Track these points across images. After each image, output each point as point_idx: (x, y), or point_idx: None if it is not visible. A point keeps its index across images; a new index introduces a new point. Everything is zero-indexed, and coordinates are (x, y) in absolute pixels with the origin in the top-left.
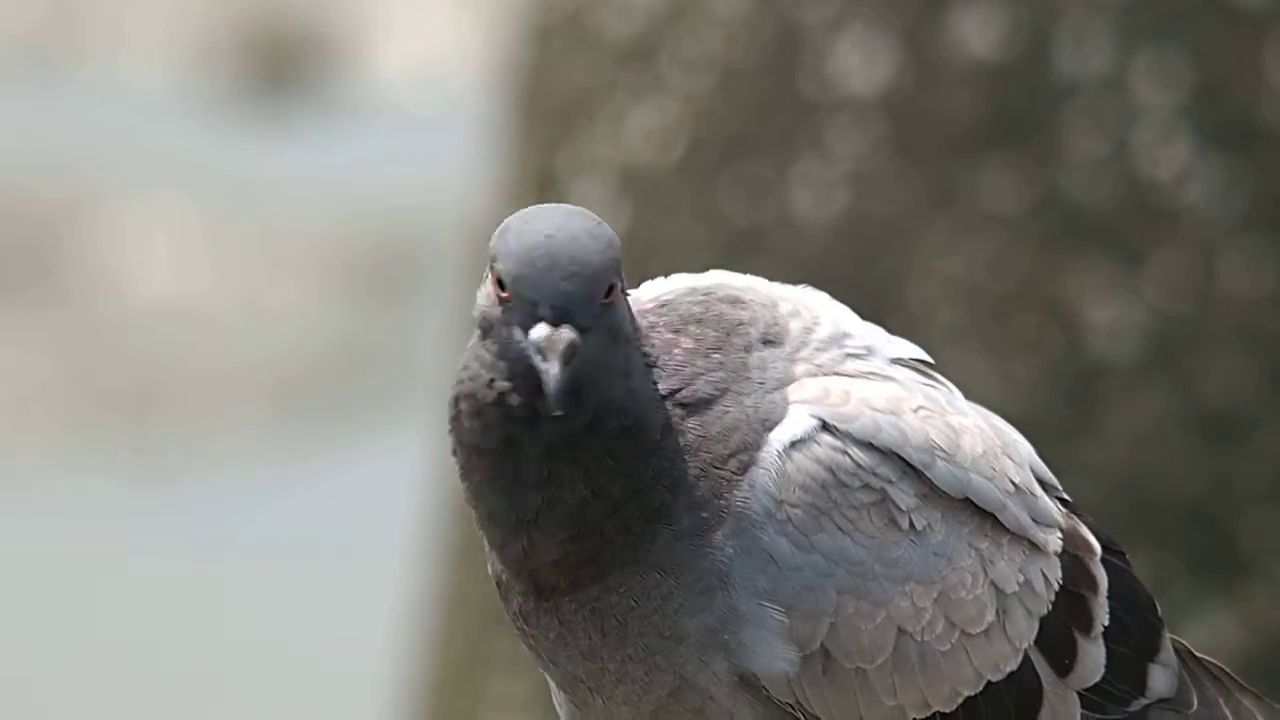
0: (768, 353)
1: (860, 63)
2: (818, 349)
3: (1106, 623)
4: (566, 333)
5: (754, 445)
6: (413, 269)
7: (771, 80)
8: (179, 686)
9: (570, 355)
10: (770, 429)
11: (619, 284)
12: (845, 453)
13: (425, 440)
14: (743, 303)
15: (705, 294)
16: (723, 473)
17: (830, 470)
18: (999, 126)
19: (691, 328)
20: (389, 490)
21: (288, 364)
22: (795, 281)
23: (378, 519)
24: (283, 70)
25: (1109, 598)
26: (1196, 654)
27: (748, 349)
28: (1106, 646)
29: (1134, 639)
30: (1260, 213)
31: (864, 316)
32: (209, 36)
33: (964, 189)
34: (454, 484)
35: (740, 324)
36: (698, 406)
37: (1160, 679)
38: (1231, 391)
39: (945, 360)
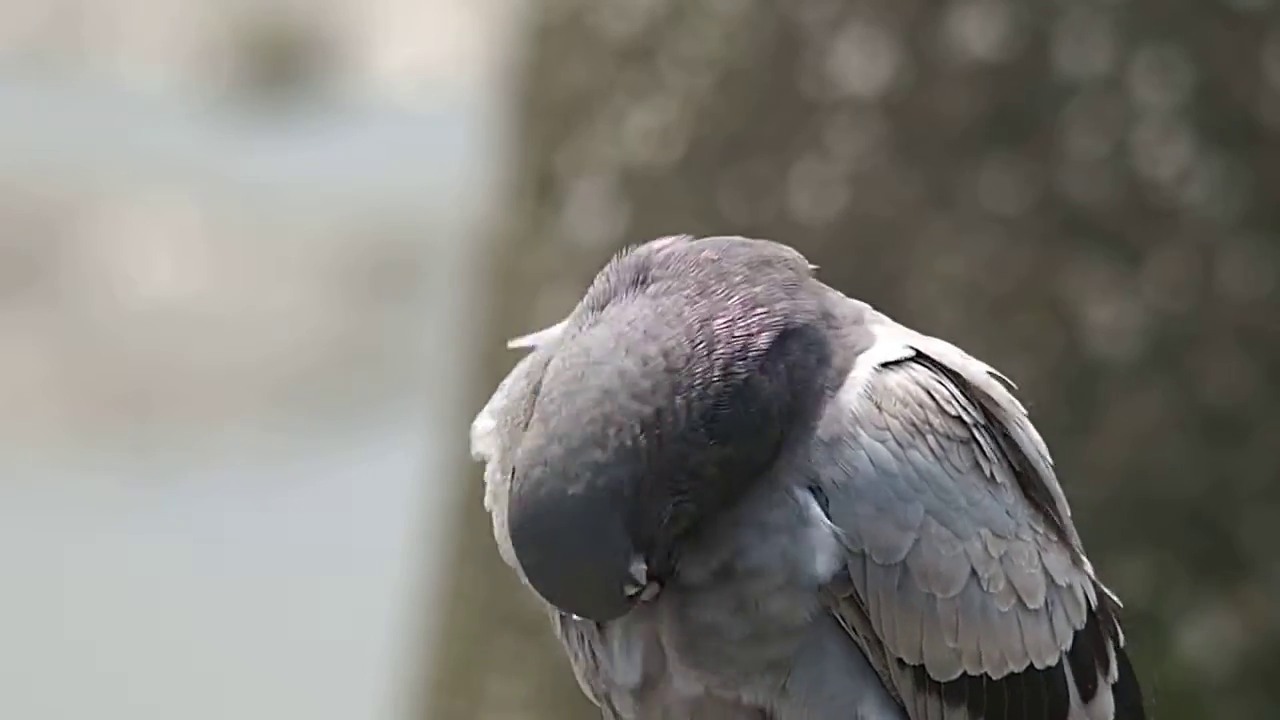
0: (833, 294)
1: (860, 63)
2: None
3: (1116, 677)
4: (647, 592)
5: (844, 368)
6: (413, 269)
7: (771, 80)
8: (178, 684)
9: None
10: (859, 352)
11: (654, 560)
12: (942, 383)
13: (425, 440)
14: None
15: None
16: (822, 404)
17: (929, 394)
18: (999, 126)
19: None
20: (389, 490)
21: (288, 364)
22: None
23: (378, 519)
24: (283, 71)
25: (1120, 655)
26: None
27: (813, 289)
28: (1116, 701)
29: (1132, 707)
30: (1260, 213)
31: None
32: (209, 36)
33: (964, 189)
34: (454, 484)
35: (803, 266)
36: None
37: None
38: (1231, 391)
39: None
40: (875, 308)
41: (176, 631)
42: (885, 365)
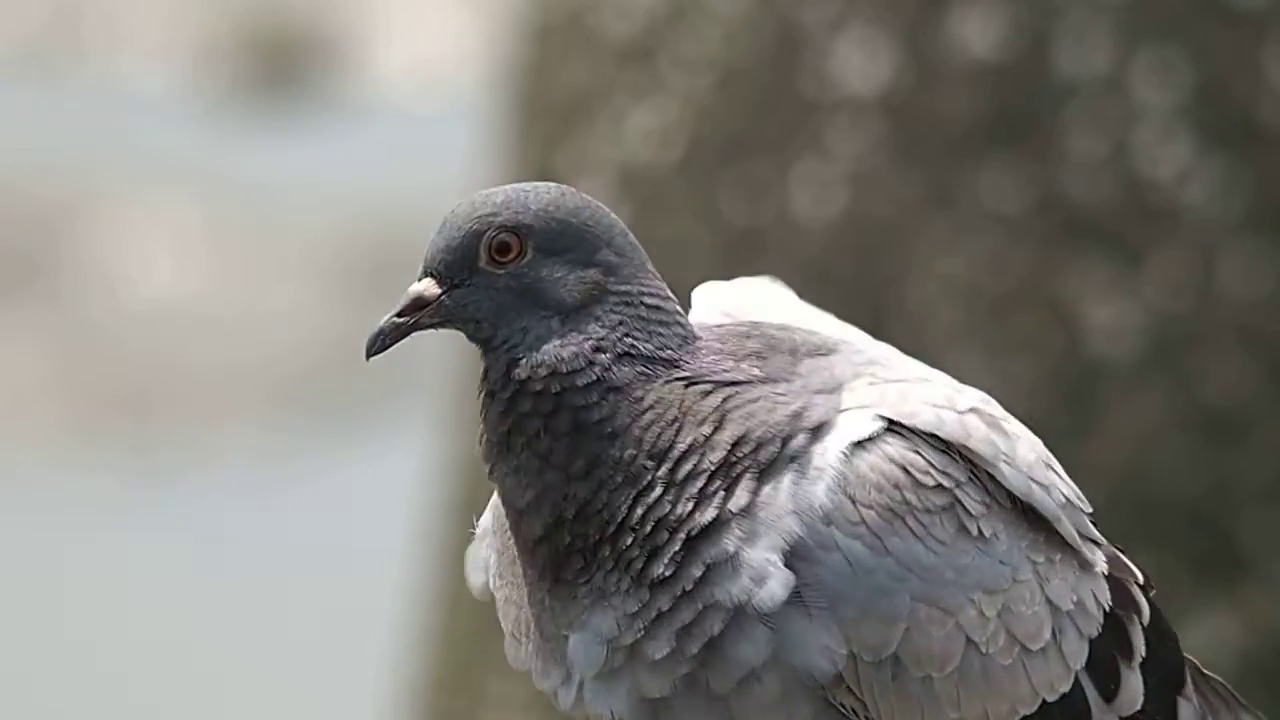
0: (819, 360)
1: (860, 63)
2: (870, 362)
3: (1144, 653)
4: (418, 286)
5: (787, 438)
6: (413, 269)
7: (771, 80)
8: (178, 683)
9: (413, 308)
10: (815, 428)
11: (518, 244)
12: (917, 451)
13: (425, 440)
14: (791, 328)
15: (755, 323)
16: (745, 463)
17: (905, 469)
18: (999, 126)
19: (733, 340)
20: (389, 490)
21: (288, 364)
22: (795, 282)
23: (378, 519)
24: (283, 71)
25: (1146, 627)
26: (1204, 670)
27: (794, 355)
28: (1144, 677)
29: (1164, 671)
30: (1260, 213)
31: (864, 316)
32: (209, 36)
33: (964, 189)
34: (454, 484)
35: (787, 339)
36: (710, 394)
37: (1188, 714)
38: (1231, 391)
39: (945, 360)
40: (875, 308)
41: (176, 631)
42: (857, 445)
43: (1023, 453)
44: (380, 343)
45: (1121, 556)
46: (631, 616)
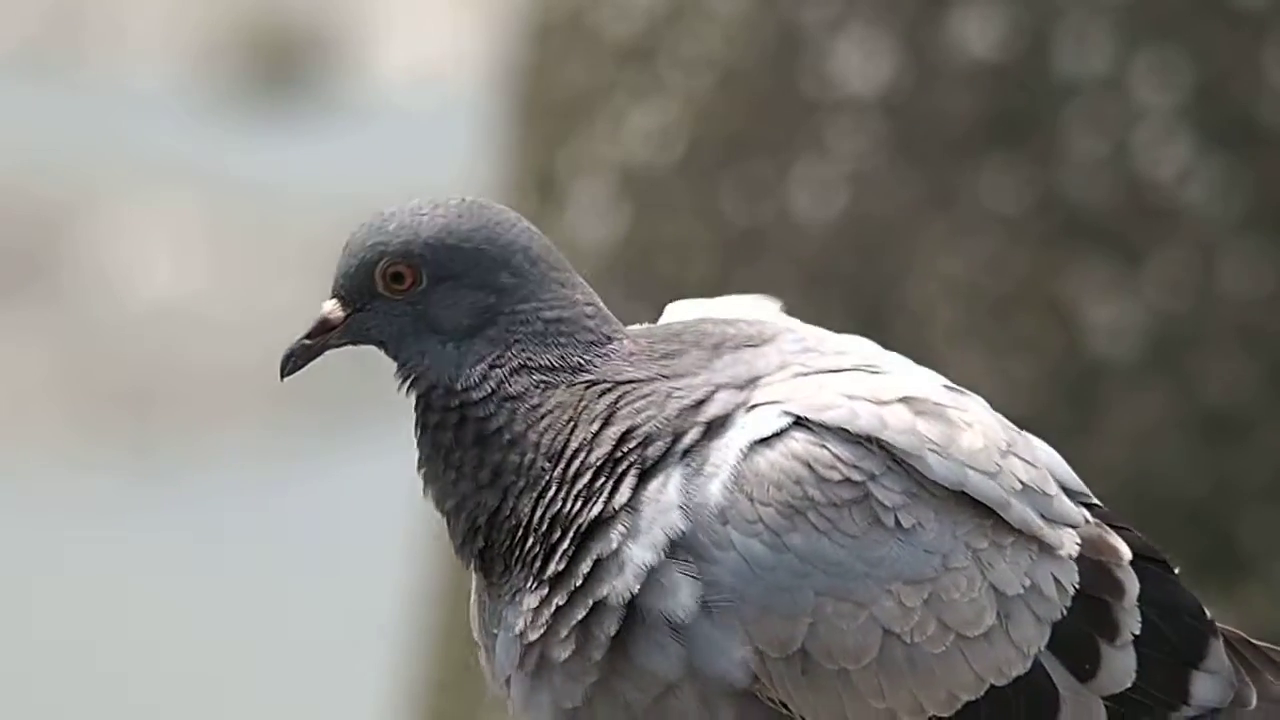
0: (743, 353)
1: (860, 63)
2: (805, 350)
3: (1137, 630)
4: (326, 308)
5: (678, 433)
6: None
7: (771, 80)
8: (178, 684)
9: (319, 330)
10: (711, 422)
11: (411, 273)
12: (823, 446)
13: None
14: (735, 322)
15: (700, 319)
16: (631, 458)
17: (808, 465)
18: (999, 126)
19: (657, 340)
20: (389, 489)
21: None
22: (796, 282)
23: (377, 518)
24: (283, 70)
25: (1144, 604)
26: (1255, 643)
27: (717, 349)
28: (1139, 653)
29: (1172, 646)
30: (1260, 213)
31: (864, 316)
32: (209, 36)
33: (964, 189)
34: None
35: (718, 334)
36: (606, 393)
37: (1206, 686)
38: (1231, 391)
39: (945, 360)
40: (875, 308)
41: (176, 631)
42: (759, 442)
43: (966, 440)
44: (292, 364)
45: (1107, 536)
46: (534, 611)
